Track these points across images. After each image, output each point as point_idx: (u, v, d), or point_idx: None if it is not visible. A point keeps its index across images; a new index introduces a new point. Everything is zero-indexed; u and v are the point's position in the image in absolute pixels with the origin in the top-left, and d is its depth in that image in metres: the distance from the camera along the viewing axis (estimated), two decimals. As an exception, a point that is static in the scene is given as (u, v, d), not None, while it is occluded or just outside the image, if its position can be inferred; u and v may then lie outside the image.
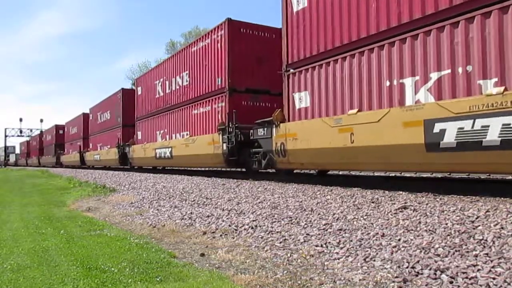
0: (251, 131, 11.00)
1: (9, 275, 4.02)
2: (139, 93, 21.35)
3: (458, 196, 5.83)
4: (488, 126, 5.37)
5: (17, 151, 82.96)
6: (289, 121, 9.63)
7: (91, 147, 31.56)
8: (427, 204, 5.45)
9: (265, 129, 10.29)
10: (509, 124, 5.16)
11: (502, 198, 5.39)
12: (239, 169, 13.00)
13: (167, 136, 17.12)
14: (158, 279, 3.77)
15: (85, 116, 34.85)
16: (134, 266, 4.19)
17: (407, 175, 10.35)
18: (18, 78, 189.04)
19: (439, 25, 6.44)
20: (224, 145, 11.99)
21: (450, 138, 5.81)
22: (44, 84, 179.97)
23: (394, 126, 6.70)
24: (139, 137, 20.93)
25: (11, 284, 3.75)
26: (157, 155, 17.54)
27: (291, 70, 9.66)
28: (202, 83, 14.00)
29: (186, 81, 15.26)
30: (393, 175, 10.71)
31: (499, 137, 5.26)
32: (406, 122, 6.50)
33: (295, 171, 11.94)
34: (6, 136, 68.00)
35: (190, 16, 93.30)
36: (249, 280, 3.71)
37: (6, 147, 79.74)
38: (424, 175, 9.90)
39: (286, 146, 9.41)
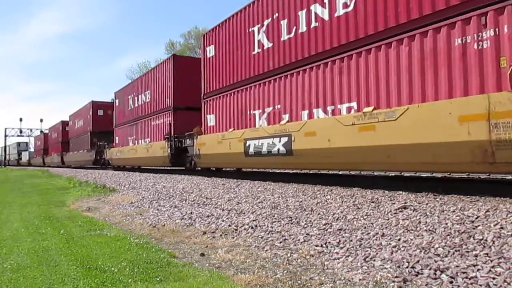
0: (183, 140, 15.05)
1: (9, 275, 4.02)
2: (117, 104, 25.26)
3: (458, 196, 5.83)
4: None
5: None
6: (204, 134, 13.44)
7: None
8: (427, 204, 5.45)
9: (191, 139, 14.16)
10: None
11: (502, 198, 5.39)
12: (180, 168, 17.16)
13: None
14: (158, 279, 3.77)
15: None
16: (134, 266, 4.19)
17: (407, 175, 10.33)
18: (17, 77, 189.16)
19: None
20: (169, 150, 16.12)
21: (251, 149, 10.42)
22: (44, 83, 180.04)
23: (237, 142, 11.08)
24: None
25: (11, 284, 3.75)
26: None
27: (205, 98, 13.48)
28: (157, 101, 18.71)
29: (148, 98, 20.12)
30: (393, 174, 10.69)
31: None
32: (239, 139, 10.94)
33: (211, 168, 15.35)
34: (6, 136, 67.96)
35: (190, 16, 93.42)
36: (249, 280, 3.71)
37: (5, 147, 79.72)
38: (424, 175, 9.88)
39: (200, 151, 13.21)
